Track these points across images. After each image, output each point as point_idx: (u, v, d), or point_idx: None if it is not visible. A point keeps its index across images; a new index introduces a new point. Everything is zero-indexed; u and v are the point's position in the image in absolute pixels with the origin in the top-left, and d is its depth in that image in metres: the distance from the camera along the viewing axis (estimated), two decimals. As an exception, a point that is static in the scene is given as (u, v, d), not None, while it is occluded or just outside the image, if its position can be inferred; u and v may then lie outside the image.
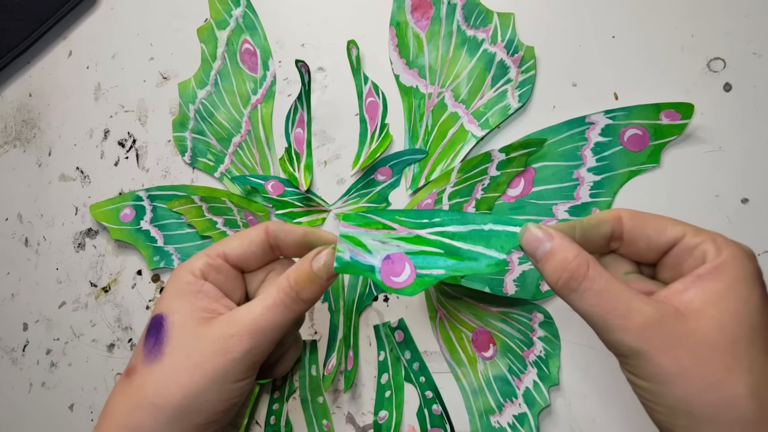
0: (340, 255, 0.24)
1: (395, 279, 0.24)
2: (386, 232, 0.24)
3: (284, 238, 0.26)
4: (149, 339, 0.24)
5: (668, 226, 0.19)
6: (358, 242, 0.24)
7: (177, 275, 0.25)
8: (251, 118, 0.46)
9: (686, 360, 0.17)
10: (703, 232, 0.19)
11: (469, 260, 0.23)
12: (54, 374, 0.52)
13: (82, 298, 0.52)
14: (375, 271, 0.23)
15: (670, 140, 0.32)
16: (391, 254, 0.24)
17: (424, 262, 0.23)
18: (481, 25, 0.38)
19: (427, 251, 0.24)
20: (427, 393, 0.37)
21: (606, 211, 0.21)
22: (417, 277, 0.23)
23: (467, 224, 0.23)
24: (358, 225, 0.24)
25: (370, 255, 0.24)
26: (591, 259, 0.19)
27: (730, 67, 0.32)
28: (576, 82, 0.36)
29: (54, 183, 0.56)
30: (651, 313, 0.17)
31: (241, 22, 0.48)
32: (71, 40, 0.58)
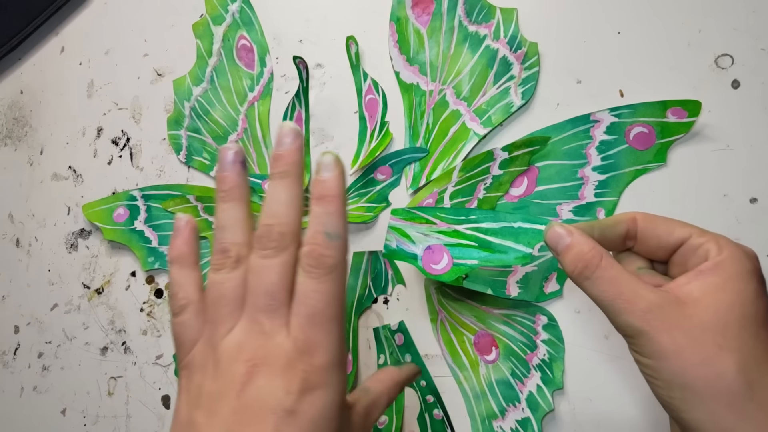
0: (388, 243, 0.29)
1: (435, 266, 0.28)
2: (428, 226, 0.29)
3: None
4: None
5: (676, 228, 0.22)
6: (403, 233, 0.29)
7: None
8: (248, 116, 0.46)
9: (682, 339, 0.20)
10: (707, 234, 0.22)
11: (500, 252, 0.27)
12: (46, 378, 0.52)
13: (75, 300, 0.52)
14: (417, 259, 0.28)
15: (676, 138, 0.32)
16: (431, 245, 0.28)
17: (460, 253, 0.27)
18: (483, 20, 0.38)
19: (463, 244, 0.28)
20: (428, 397, 0.37)
21: (623, 213, 0.24)
22: (454, 266, 0.28)
23: (499, 222, 0.27)
24: (404, 219, 0.29)
25: (413, 245, 0.28)
26: (604, 252, 0.22)
27: (738, 63, 0.32)
28: (580, 79, 0.36)
29: (46, 182, 0.56)
30: (653, 298, 0.20)
31: (237, 17, 0.48)
32: (63, 35, 0.58)
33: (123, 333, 0.49)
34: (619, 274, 0.21)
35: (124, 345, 0.49)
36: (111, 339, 0.49)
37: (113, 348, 0.49)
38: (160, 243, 0.47)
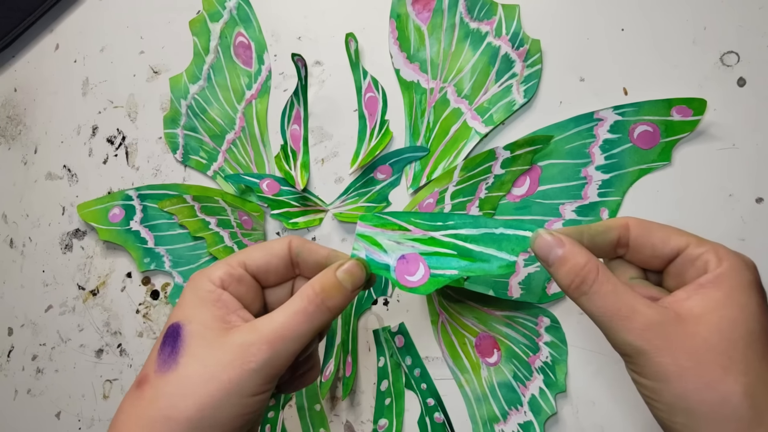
0: (356, 253, 0.26)
1: (409, 278, 0.26)
2: (401, 233, 0.27)
3: (306, 257, 0.26)
4: (164, 348, 0.24)
5: (672, 236, 0.21)
6: (374, 242, 0.26)
7: (195, 283, 0.25)
8: (245, 114, 0.46)
9: (684, 360, 0.19)
10: (705, 243, 0.21)
11: (481, 261, 0.25)
12: (40, 381, 0.52)
13: (70, 301, 0.52)
14: (390, 270, 0.26)
15: (681, 137, 0.32)
16: (406, 254, 0.26)
17: (438, 263, 0.26)
18: (484, 17, 0.38)
19: (441, 252, 0.26)
20: (429, 400, 0.37)
21: (614, 219, 0.23)
22: (431, 277, 0.26)
23: (479, 228, 0.25)
24: (374, 225, 0.27)
25: (385, 254, 0.26)
26: (600, 264, 0.21)
27: (744, 61, 0.32)
28: (584, 77, 0.36)
29: (40, 182, 0.56)
30: (653, 315, 0.19)
31: (234, 14, 0.48)
32: (58, 32, 0.58)
33: (118, 335, 0.49)
34: (616, 288, 0.20)
35: (120, 347, 0.49)
36: (106, 341, 0.49)
37: (108, 350, 0.49)
38: (156, 243, 0.47)
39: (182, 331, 0.24)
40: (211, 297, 0.24)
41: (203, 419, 0.22)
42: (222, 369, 0.22)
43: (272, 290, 0.27)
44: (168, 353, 0.23)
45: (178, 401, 0.22)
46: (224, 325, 0.23)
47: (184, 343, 0.23)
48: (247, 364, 0.22)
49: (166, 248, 0.47)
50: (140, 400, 0.23)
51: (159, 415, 0.22)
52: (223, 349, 0.23)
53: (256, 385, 0.22)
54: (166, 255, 0.46)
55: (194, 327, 0.23)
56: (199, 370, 0.22)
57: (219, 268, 0.25)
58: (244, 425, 0.23)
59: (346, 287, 0.24)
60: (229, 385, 0.22)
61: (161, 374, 0.23)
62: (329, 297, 0.24)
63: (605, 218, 0.33)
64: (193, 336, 0.23)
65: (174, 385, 0.22)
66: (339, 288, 0.24)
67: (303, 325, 0.23)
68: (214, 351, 0.23)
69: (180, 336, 0.23)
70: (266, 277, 0.26)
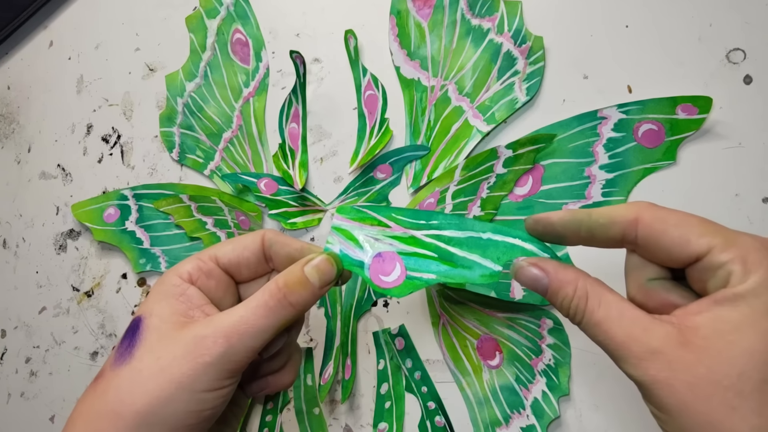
0: (329, 246, 0.25)
1: (384, 278, 0.24)
2: (380, 229, 0.25)
3: (279, 250, 0.26)
4: (123, 342, 0.24)
5: (692, 238, 0.18)
6: (350, 236, 0.25)
7: (163, 277, 0.25)
8: (243, 113, 0.46)
9: (684, 394, 0.16)
10: (733, 248, 0.17)
11: (463, 268, 0.23)
12: (34, 384, 0.52)
13: (64, 303, 0.52)
14: (364, 267, 0.24)
15: (687, 136, 0.32)
16: (382, 252, 0.25)
17: (416, 265, 0.24)
18: (486, 13, 0.38)
19: (421, 254, 0.24)
20: (430, 404, 0.37)
21: (621, 209, 0.20)
22: (407, 279, 0.24)
23: (465, 230, 0.24)
24: (352, 219, 0.25)
25: (360, 250, 0.25)
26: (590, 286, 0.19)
27: (750, 58, 0.32)
28: (587, 74, 0.36)
29: (34, 181, 0.56)
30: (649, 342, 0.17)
31: (232, 10, 0.48)
32: (52, 29, 0.58)
33: (114, 337, 0.49)
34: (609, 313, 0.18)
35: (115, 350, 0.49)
36: (101, 343, 0.49)
37: (103, 353, 0.49)
38: (151, 244, 0.47)
39: (141, 325, 0.23)
40: (175, 291, 0.24)
41: (153, 414, 0.21)
42: (174, 362, 0.22)
43: (247, 285, 0.27)
44: (125, 347, 0.23)
45: (126, 395, 0.22)
46: (183, 319, 0.23)
47: (142, 336, 0.23)
48: (200, 357, 0.22)
49: (162, 249, 0.47)
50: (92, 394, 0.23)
51: (107, 410, 0.22)
52: (177, 343, 0.22)
53: (211, 380, 0.22)
54: (162, 256, 0.46)
55: (153, 320, 0.23)
56: (151, 364, 0.22)
57: (189, 262, 0.25)
58: (199, 423, 0.22)
59: (313, 284, 0.24)
60: (181, 379, 0.21)
61: (116, 368, 0.23)
62: (292, 292, 0.23)
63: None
64: (150, 329, 0.23)
65: (125, 378, 0.22)
66: (304, 284, 0.23)
67: (262, 319, 0.22)
68: (168, 344, 0.22)
69: (139, 329, 0.23)
70: (239, 271, 0.26)
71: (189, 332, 0.22)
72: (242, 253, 0.26)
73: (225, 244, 0.26)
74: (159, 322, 0.23)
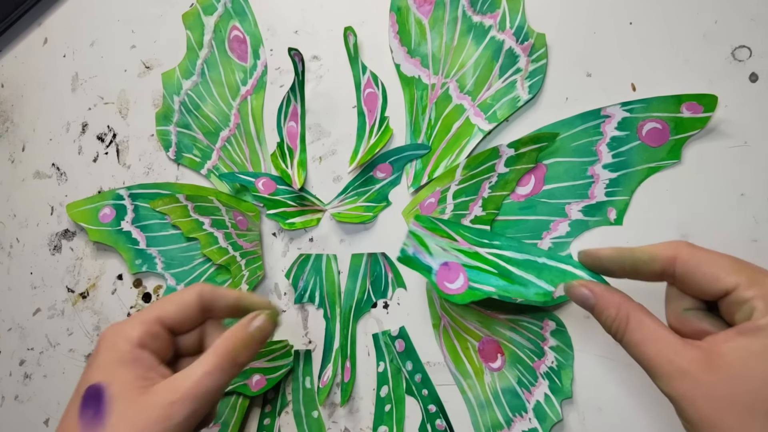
0: (405, 248, 0.29)
1: (448, 285, 0.28)
2: (449, 242, 0.29)
3: (217, 303, 0.29)
4: (87, 410, 0.25)
5: (722, 275, 0.20)
6: (422, 242, 0.29)
7: (113, 342, 0.27)
8: (240, 111, 0.46)
9: (706, 410, 0.19)
10: (756, 286, 0.20)
11: (519, 285, 0.26)
12: (28, 387, 0.52)
13: (59, 304, 0.52)
14: (432, 272, 0.28)
15: (691, 135, 0.32)
16: (449, 262, 0.28)
17: (478, 277, 0.27)
18: (488, 10, 0.38)
19: (482, 268, 0.27)
20: (430, 407, 0.37)
21: (662, 247, 0.22)
22: (468, 289, 0.27)
23: (523, 253, 0.27)
24: (425, 227, 0.29)
25: (430, 257, 0.28)
26: (632, 312, 0.22)
27: (756, 55, 0.32)
28: (590, 72, 0.36)
29: (28, 180, 0.56)
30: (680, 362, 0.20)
31: (229, 7, 0.48)
32: (46, 26, 0.58)
33: (109, 339, 0.49)
34: (646, 336, 0.21)
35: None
36: (96, 345, 0.49)
37: (99, 355, 0.49)
38: (148, 244, 0.47)
39: (105, 393, 0.25)
40: (130, 357, 0.26)
41: None
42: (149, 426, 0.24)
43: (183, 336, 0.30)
44: (91, 415, 0.25)
45: None
46: (144, 383, 0.26)
47: (109, 404, 0.25)
48: (171, 420, 0.24)
49: (159, 249, 0.47)
50: None
51: None
52: (148, 409, 0.25)
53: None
54: (159, 256, 0.46)
55: (117, 388, 0.25)
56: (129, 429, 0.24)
57: (136, 327, 0.27)
58: None
59: (256, 342, 0.28)
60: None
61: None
62: (240, 354, 0.27)
63: (612, 218, 0.34)
64: (117, 398, 0.25)
65: None
66: (250, 345, 0.27)
67: (218, 381, 0.26)
68: (140, 410, 0.25)
69: (103, 398, 0.25)
70: (181, 328, 0.29)
71: (157, 398, 0.25)
72: (185, 313, 0.29)
73: (166, 304, 0.29)
74: (123, 389, 0.25)
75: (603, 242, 0.34)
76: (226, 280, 0.44)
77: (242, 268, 0.42)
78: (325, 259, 0.42)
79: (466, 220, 0.36)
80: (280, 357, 0.41)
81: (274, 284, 0.44)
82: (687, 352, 0.20)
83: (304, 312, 0.42)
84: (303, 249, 0.43)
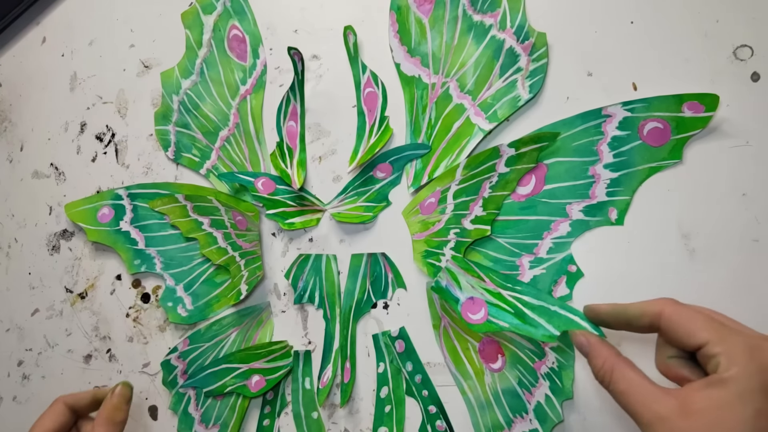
0: (439, 281, 0.35)
1: (472, 315, 0.33)
2: (477, 281, 0.34)
3: (80, 405, 0.38)
4: None
5: (696, 332, 0.24)
6: (455, 278, 0.34)
7: None
8: (240, 110, 0.46)
9: None
10: (722, 344, 0.23)
11: (530, 326, 0.30)
12: (26, 387, 0.52)
13: (57, 304, 0.52)
14: (459, 303, 0.33)
15: (693, 134, 0.32)
16: (474, 297, 0.33)
17: (497, 313, 0.32)
18: (488, 9, 0.38)
19: (502, 306, 0.32)
20: (431, 408, 0.37)
21: (650, 304, 0.26)
22: (487, 321, 0.32)
23: (540, 300, 0.31)
24: (460, 266, 0.35)
25: (459, 291, 0.34)
26: (617, 363, 0.25)
27: (758, 54, 0.32)
28: (591, 72, 0.36)
29: (26, 180, 0.56)
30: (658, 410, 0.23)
31: (228, 6, 0.48)
32: (45, 25, 0.58)
33: (108, 340, 0.49)
34: (628, 386, 0.24)
35: (109, 352, 0.49)
36: (95, 346, 0.49)
37: (97, 356, 0.49)
38: (146, 245, 0.47)
39: None
40: None
41: None
42: None
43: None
44: None
45: None
46: None
47: None
48: None
49: (158, 249, 0.47)
50: None
51: None
52: None
53: None
54: (158, 256, 0.46)
55: None
56: None
57: None
58: None
59: (123, 404, 0.38)
60: None
61: None
62: (116, 415, 0.37)
63: (613, 218, 0.34)
64: None
65: None
66: (120, 406, 0.37)
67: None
68: None
69: None
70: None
71: None
72: (65, 425, 0.37)
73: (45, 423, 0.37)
74: None
75: (604, 242, 0.34)
76: (226, 280, 0.44)
77: (241, 269, 0.42)
78: (325, 260, 0.42)
79: (467, 219, 0.36)
80: (280, 357, 0.41)
81: (274, 284, 0.44)
82: (665, 401, 0.23)
83: (304, 312, 0.42)
84: (303, 249, 0.43)
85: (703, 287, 0.31)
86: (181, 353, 0.44)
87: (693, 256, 0.32)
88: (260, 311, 0.44)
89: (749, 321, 0.30)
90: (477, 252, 0.37)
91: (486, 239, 0.36)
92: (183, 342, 0.45)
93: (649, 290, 0.30)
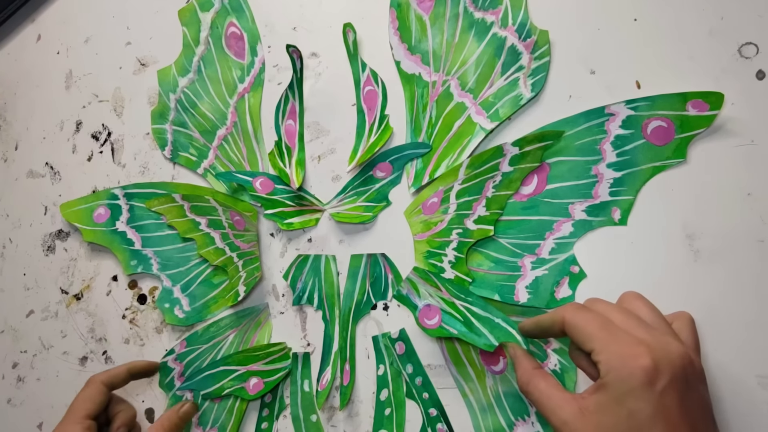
0: (400, 290, 0.38)
1: (427, 321, 0.35)
2: (435, 290, 0.37)
3: (117, 381, 0.41)
4: None
5: (585, 341, 0.27)
6: (415, 287, 0.37)
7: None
8: (238, 109, 0.46)
9: None
10: (603, 352, 0.26)
11: (475, 334, 0.34)
12: (21, 390, 0.52)
13: (52, 306, 0.52)
14: (417, 309, 0.36)
15: (697, 133, 0.32)
16: (431, 304, 0.36)
17: (448, 320, 0.35)
18: (490, 6, 0.38)
19: (454, 315, 0.35)
20: (431, 410, 0.37)
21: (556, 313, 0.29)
22: (439, 327, 0.35)
23: (487, 312, 0.34)
24: (420, 276, 0.38)
25: (418, 298, 0.37)
26: (533, 375, 0.29)
27: (763, 52, 0.32)
28: (594, 70, 0.36)
29: (21, 180, 0.56)
30: (562, 415, 0.26)
31: (226, 3, 0.48)
32: (40, 23, 0.58)
33: (104, 341, 0.49)
34: (540, 396, 0.28)
35: (105, 354, 0.49)
36: (91, 348, 0.49)
37: (93, 358, 0.49)
38: (143, 245, 0.47)
39: None
40: None
41: None
42: None
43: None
44: None
45: None
46: None
47: None
48: None
49: (154, 250, 0.46)
50: None
51: None
52: None
53: None
54: (154, 257, 0.46)
55: None
56: None
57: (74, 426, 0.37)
58: None
59: (184, 422, 0.40)
60: None
61: None
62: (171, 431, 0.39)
63: (617, 218, 0.33)
64: None
65: None
66: (179, 425, 0.39)
67: None
68: None
69: None
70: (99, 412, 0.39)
71: None
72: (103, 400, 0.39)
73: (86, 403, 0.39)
74: None
75: (607, 243, 0.34)
76: (223, 281, 0.44)
77: (239, 269, 0.42)
78: (324, 260, 0.42)
79: (470, 220, 0.36)
80: (278, 360, 0.41)
81: (272, 285, 0.43)
82: (568, 407, 0.26)
83: (303, 314, 0.42)
84: (301, 250, 0.43)
85: (708, 288, 0.31)
86: (178, 355, 0.44)
87: (697, 257, 0.32)
88: (258, 313, 0.43)
89: (754, 322, 0.30)
90: (479, 253, 0.37)
91: (488, 240, 0.36)
92: (180, 344, 0.45)
93: (652, 291, 0.30)
